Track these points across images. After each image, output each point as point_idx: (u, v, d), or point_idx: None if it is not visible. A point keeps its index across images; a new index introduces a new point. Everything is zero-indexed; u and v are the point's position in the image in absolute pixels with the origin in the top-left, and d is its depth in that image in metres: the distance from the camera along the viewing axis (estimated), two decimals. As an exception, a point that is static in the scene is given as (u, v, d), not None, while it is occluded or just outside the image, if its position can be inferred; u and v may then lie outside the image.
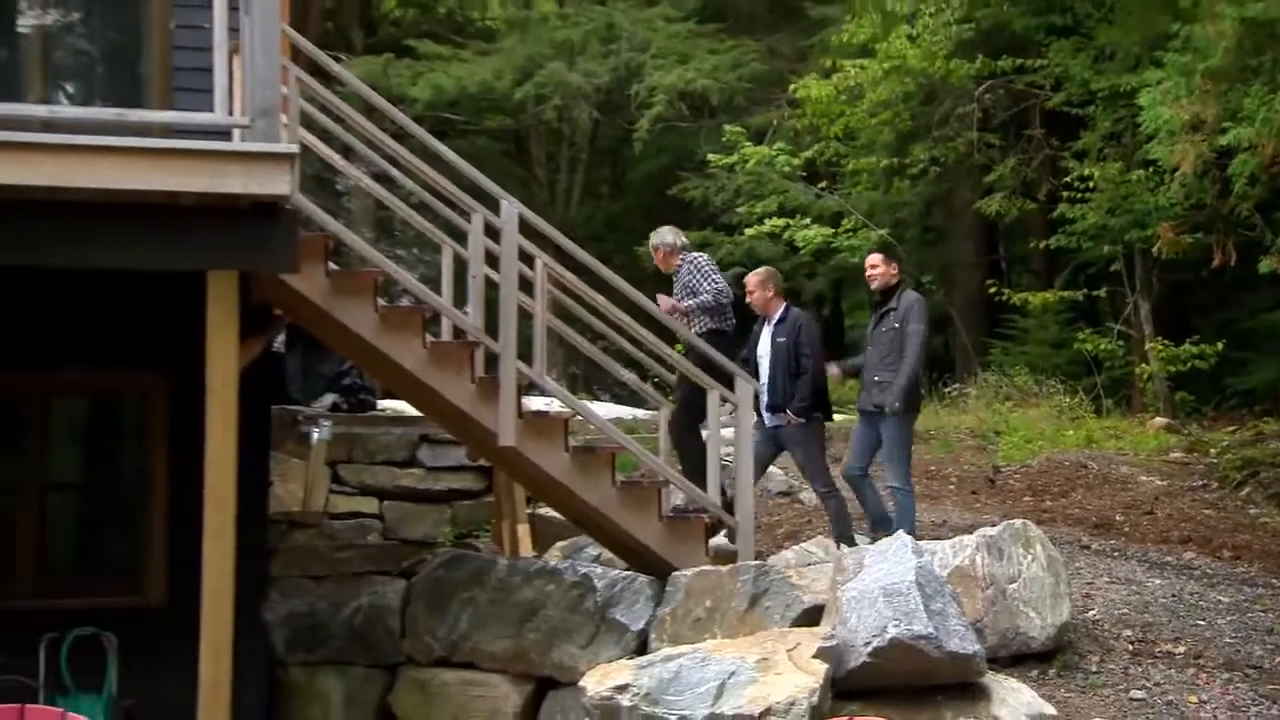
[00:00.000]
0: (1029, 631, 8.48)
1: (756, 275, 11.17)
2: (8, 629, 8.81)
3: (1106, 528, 11.42)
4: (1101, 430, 15.37)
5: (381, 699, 9.71)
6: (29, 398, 9.74)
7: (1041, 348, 20.78)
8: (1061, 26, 18.70)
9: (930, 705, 7.68)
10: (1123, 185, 16.91)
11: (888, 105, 20.05)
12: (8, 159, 7.23)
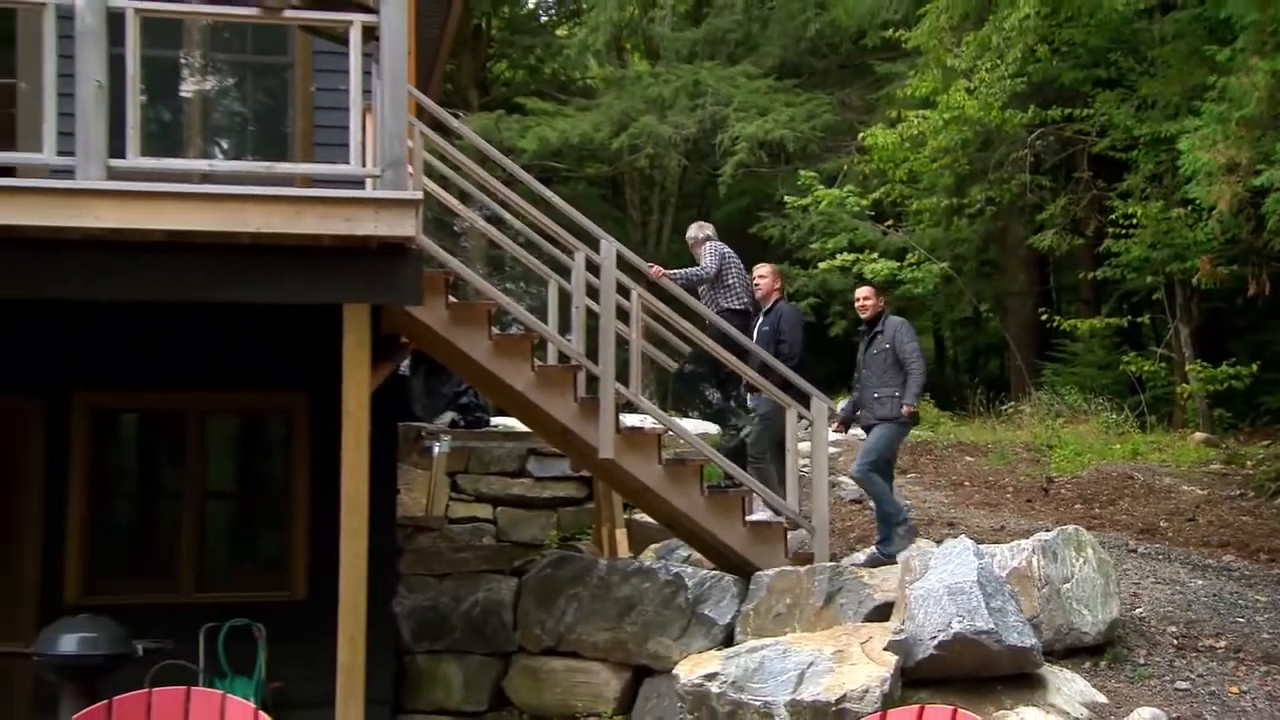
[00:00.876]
0: (1081, 627, 8.40)
1: (770, 267, 11.31)
2: (173, 620, 8.89)
3: (1152, 533, 11.28)
4: (1146, 444, 15.19)
5: (496, 684, 9.74)
6: (190, 415, 9.87)
7: (1090, 369, 20.60)
8: (1106, 79, 18.53)
9: (991, 694, 7.62)
10: (1164, 222, 16.69)
11: (948, 151, 19.89)
12: (175, 208, 7.36)
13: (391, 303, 8.19)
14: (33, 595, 9.44)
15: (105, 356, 9.57)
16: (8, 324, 9.19)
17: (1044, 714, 7.42)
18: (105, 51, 7.39)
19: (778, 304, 10.93)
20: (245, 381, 9.74)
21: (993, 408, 18.42)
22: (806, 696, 7.27)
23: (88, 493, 9.62)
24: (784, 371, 9.75)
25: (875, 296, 10.73)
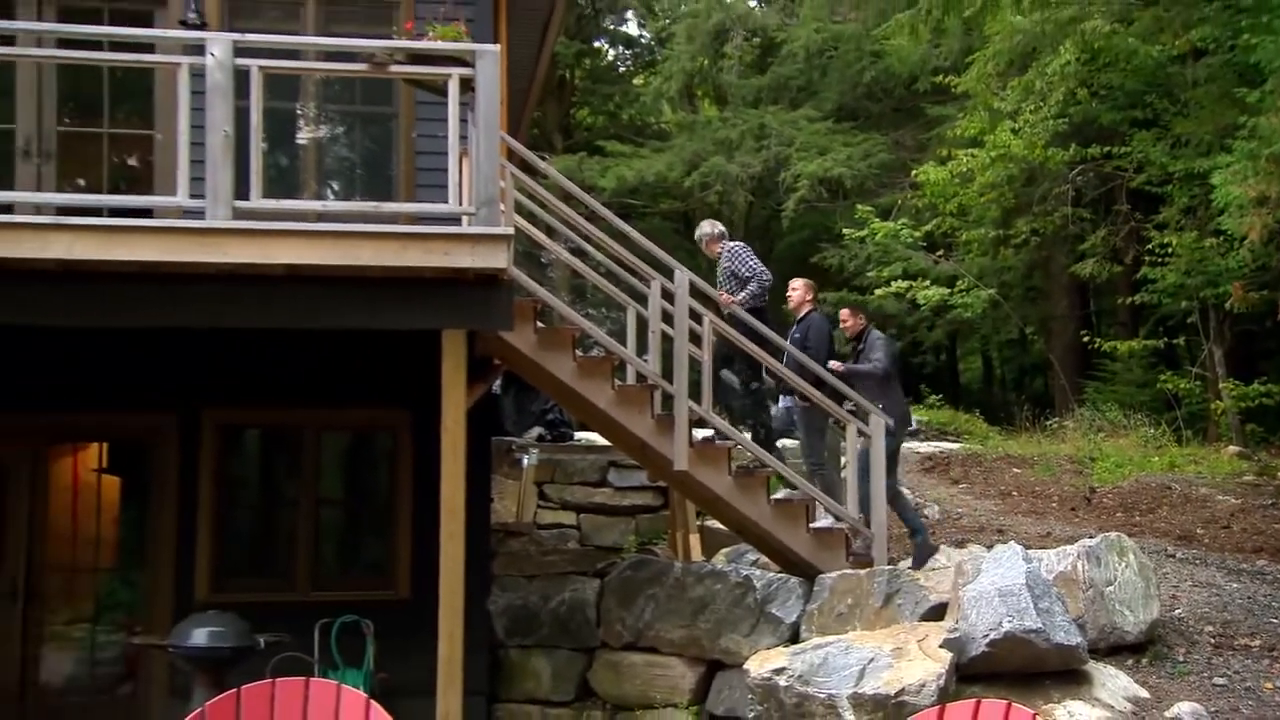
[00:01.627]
0: (1124, 627, 8.33)
1: (803, 281, 11.29)
2: (290, 616, 8.96)
3: (1189, 539, 11.16)
4: (1182, 457, 15.01)
5: (582, 676, 9.75)
6: (306, 430, 9.98)
7: (1129, 388, 20.40)
8: (1143, 119, 18.40)
9: (1040, 688, 7.57)
10: (1197, 251, 16.52)
11: (994, 186, 19.80)
12: (294, 244, 7.47)
13: (485, 329, 8.25)
14: (168, 593, 9.59)
15: (231, 377, 9.72)
16: (148, 348, 9.38)
17: (1090, 708, 7.37)
18: (232, 105, 7.52)
19: (809, 314, 10.86)
20: (355, 400, 9.86)
21: (1038, 423, 18.28)
22: (868, 690, 7.26)
23: (215, 500, 9.76)
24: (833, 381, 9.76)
25: (852, 316, 10.82)
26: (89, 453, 10.05)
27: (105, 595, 9.90)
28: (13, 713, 9.50)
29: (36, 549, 9.67)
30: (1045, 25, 16.76)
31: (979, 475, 14.05)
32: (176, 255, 7.42)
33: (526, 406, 13.41)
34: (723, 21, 26.92)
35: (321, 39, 9.53)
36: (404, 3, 9.97)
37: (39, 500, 9.74)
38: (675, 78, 26.92)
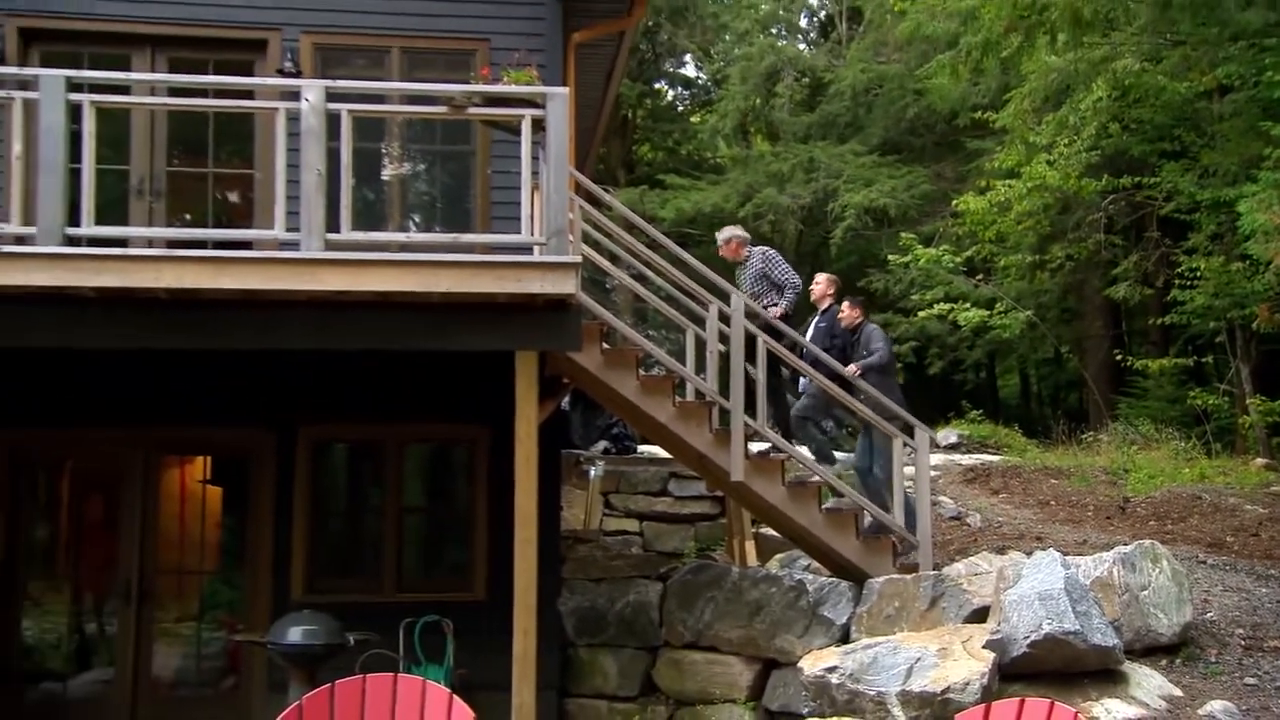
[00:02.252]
0: (1158, 629, 8.22)
1: (829, 277, 11.31)
2: (377, 616, 9.02)
3: (1219, 547, 10.99)
4: (1212, 469, 14.77)
5: (646, 673, 9.74)
6: (391, 444, 10.06)
7: (1160, 403, 20.12)
8: (1171, 151, 18.23)
9: (1079, 687, 7.48)
10: (1225, 274, 16.29)
11: (1031, 215, 19.69)
12: (380, 273, 7.54)
13: (555, 350, 8.29)
14: (266, 593, 9.70)
15: (323, 396, 9.83)
16: (248, 369, 9.49)
17: (1127, 705, 7.28)
18: (324, 145, 7.61)
19: (831, 308, 10.89)
20: (435, 415, 9.93)
21: (1073, 436, 18.06)
22: (915, 687, 7.20)
23: (309, 508, 9.86)
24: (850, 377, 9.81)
25: (851, 309, 10.76)
26: (195, 465, 10.20)
27: (209, 596, 10.01)
28: (127, 704, 9.63)
29: (148, 553, 9.81)
30: (1079, 64, 16.69)
31: (1018, 486, 13.90)
32: (274, 284, 7.51)
33: (593, 422, 13.43)
34: (775, 63, 27.00)
35: (405, 84, 9.63)
36: (481, 50, 10.06)
37: (150, 508, 9.88)
38: (730, 116, 27.02)
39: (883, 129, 26.30)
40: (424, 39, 10.09)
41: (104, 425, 9.72)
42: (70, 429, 9.74)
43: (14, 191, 7.67)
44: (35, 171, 7.50)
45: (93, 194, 7.53)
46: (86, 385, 9.56)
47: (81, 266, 7.36)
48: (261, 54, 9.97)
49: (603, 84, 12.90)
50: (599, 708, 9.74)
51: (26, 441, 9.72)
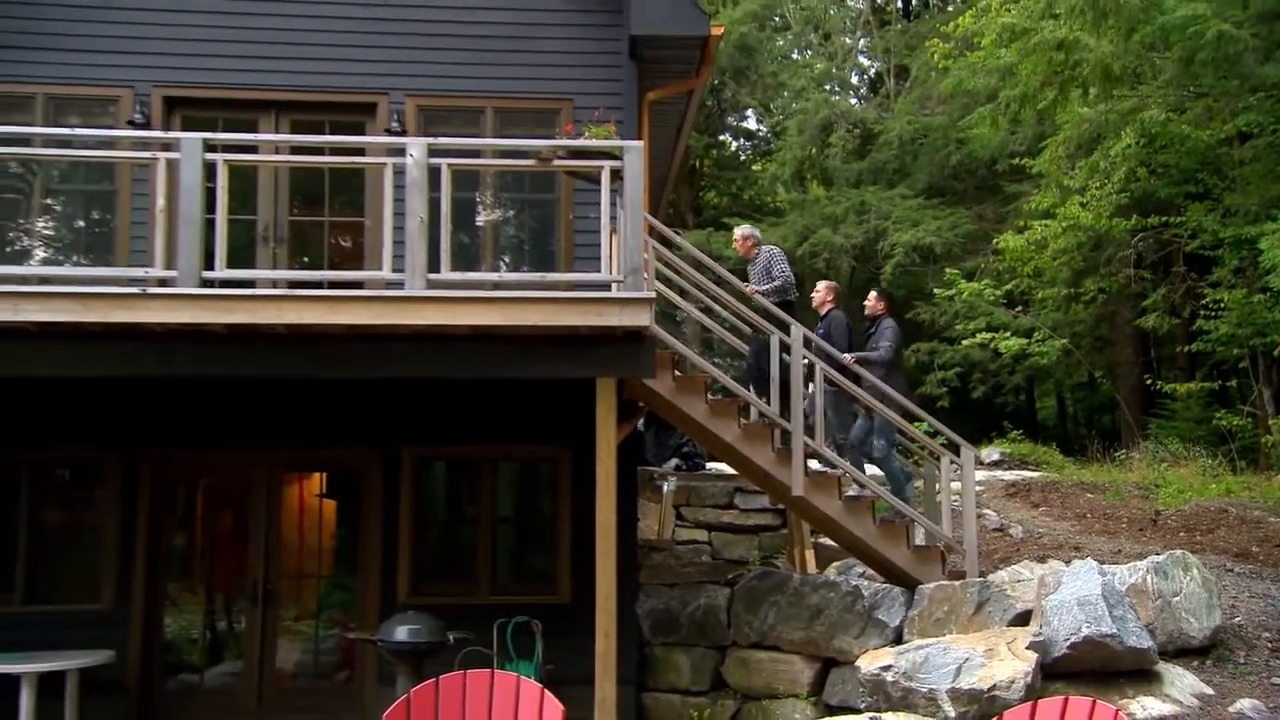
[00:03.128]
0: (1189, 632, 8.06)
1: (827, 284, 11.39)
2: (473, 617, 9.07)
3: (1245, 556, 10.74)
4: (1237, 484, 14.45)
5: (716, 670, 9.69)
6: (484, 462, 10.12)
7: (1187, 424, 19.75)
8: (1196, 193, 17.98)
9: (1116, 686, 7.35)
10: (1247, 305, 16.05)
11: (1065, 252, 19.54)
12: (475, 309, 7.60)
13: (631, 376, 8.29)
14: (375, 595, 9.78)
15: (423, 418, 9.91)
16: (358, 395, 9.61)
17: (1161, 703, 7.14)
18: (426, 195, 7.70)
19: (830, 313, 10.91)
20: (523, 437, 9.96)
21: (1107, 454, 17.79)
22: (964, 685, 7.11)
23: (412, 520, 9.93)
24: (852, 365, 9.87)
25: (877, 301, 10.95)
26: (312, 481, 10.31)
27: (325, 597, 10.10)
28: (254, 693, 9.75)
29: (272, 559, 9.94)
30: (1109, 115, 16.54)
31: (1057, 500, 13.69)
32: (382, 319, 7.60)
33: (665, 441, 13.44)
34: (828, 116, 26.95)
35: (498, 140, 9.72)
36: (565, 108, 10.14)
37: (273, 520, 10.01)
38: (788, 164, 26.98)
39: (928, 174, 26.14)
40: (514, 99, 10.19)
41: (234, 446, 9.89)
42: (205, 449, 9.91)
43: (158, 240, 7.85)
44: (176, 222, 7.67)
45: (225, 241, 7.68)
46: (219, 410, 9.73)
47: (215, 306, 7.51)
48: (371, 115, 10.12)
49: (673, 137, 12.94)
50: (673, 701, 9.70)
51: (168, 460, 9.89)
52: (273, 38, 10.08)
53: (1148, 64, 14.04)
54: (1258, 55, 12.93)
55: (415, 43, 10.18)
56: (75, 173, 10.00)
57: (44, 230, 10.06)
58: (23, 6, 9.93)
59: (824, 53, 29.50)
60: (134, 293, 7.52)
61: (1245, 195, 15.93)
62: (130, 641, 9.53)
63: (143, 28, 10.00)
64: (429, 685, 4.23)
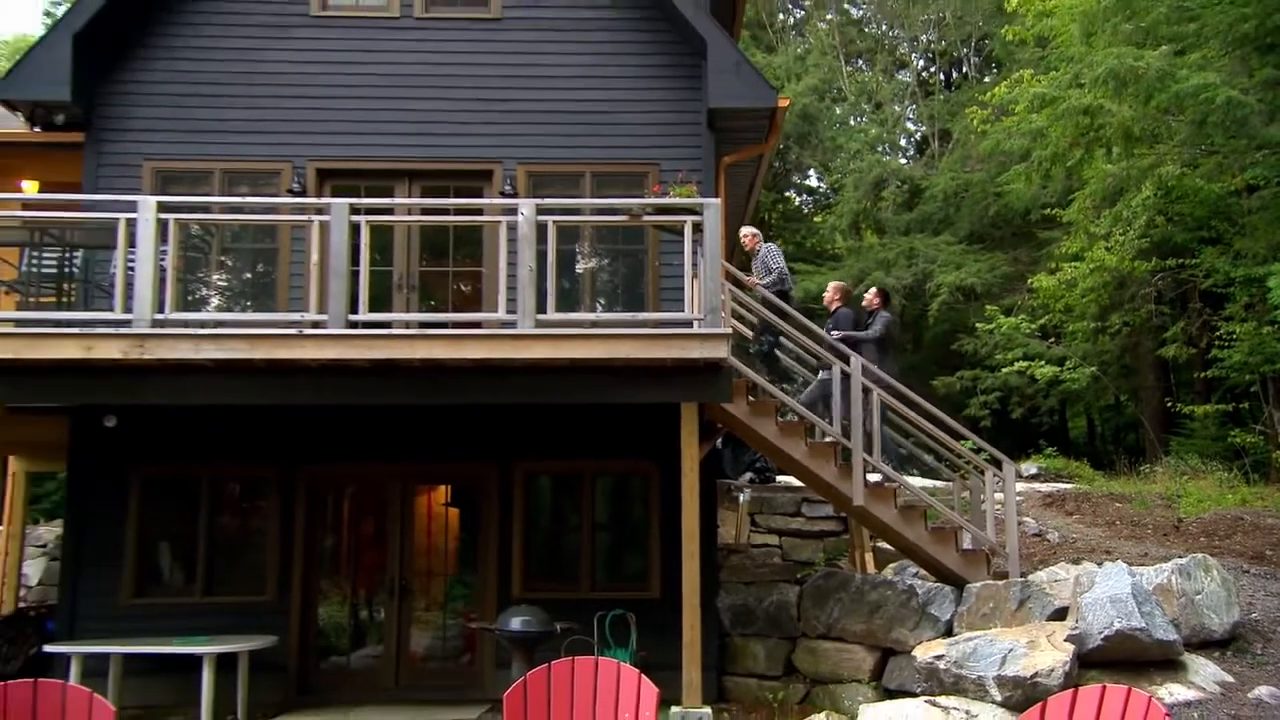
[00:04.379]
0: (1211, 627, 7.78)
1: (836, 284, 11.41)
2: (576, 610, 9.08)
3: (1260, 559, 10.33)
4: (1251, 495, 13.91)
5: (787, 657, 9.55)
6: (584, 475, 10.13)
7: (1205, 441, 19.10)
8: (1209, 238, 17.59)
9: (1145, 674, 7.12)
10: (1256, 337, 15.65)
11: (1093, 290, 19.19)
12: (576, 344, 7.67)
13: (711, 401, 8.30)
14: (493, 590, 9.83)
15: (532, 438, 9.97)
16: (477, 419, 9.70)
17: (1186, 689, 6.91)
18: (534, 248, 7.79)
19: (839, 310, 10.85)
20: (618, 453, 9.97)
21: (1133, 468, 17.28)
22: (1009, 672, 6.93)
23: (523, 525, 9.98)
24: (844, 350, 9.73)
25: (875, 297, 10.86)
26: (439, 492, 10.41)
27: (450, 592, 10.16)
28: (392, 672, 9.86)
29: (406, 559, 10.05)
30: (1130, 170, 16.28)
31: (1088, 508, 13.31)
32: (497, 354, 7.69)
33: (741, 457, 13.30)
34: (880, 174, 26.76)
35: (595, 200, 9.79)
36: (652, 171, 10.18)
37: (407, 525, 10.12)
38: (845, 216, 26.85)
39: (969, 223, 25.80)
40: (609, 164, 10.24)
41: (374, 462, 10.03)
42: (350, 465, 10.07)
43: (312, 288, 8.05)
44: (327, 273, 7.85)
45: (367, 289, 7.84)
46: (362, 432, 9.90)
47: (359, 344, 7.67)
48: (488, 181, 10.26)
49: (746, 194, 12.96)
50: (750, 684, 9.59)
51: (320, 475, 10.06)
52: (405, 118, 10.29)
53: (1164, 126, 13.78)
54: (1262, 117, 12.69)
55: (525, 119, 10.31)
56: (245, 234, 10.28)
57: (219, 282, 10.35)
58: (203, 99, 10.28)
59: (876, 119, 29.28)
60: (292, 334, 7.71)
61: (1253, 240, 15.58)
62: (290, 628, 9.69)
63: (299, 113, 10.28)
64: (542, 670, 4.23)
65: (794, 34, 31.97)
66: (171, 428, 9.74)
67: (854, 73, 30.01)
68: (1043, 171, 16.62)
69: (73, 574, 9.68)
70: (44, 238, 9.67)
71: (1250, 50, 13.68)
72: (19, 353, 7.67)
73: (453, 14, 10.45)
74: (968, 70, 29.96)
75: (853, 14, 31.81)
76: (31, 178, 11.10)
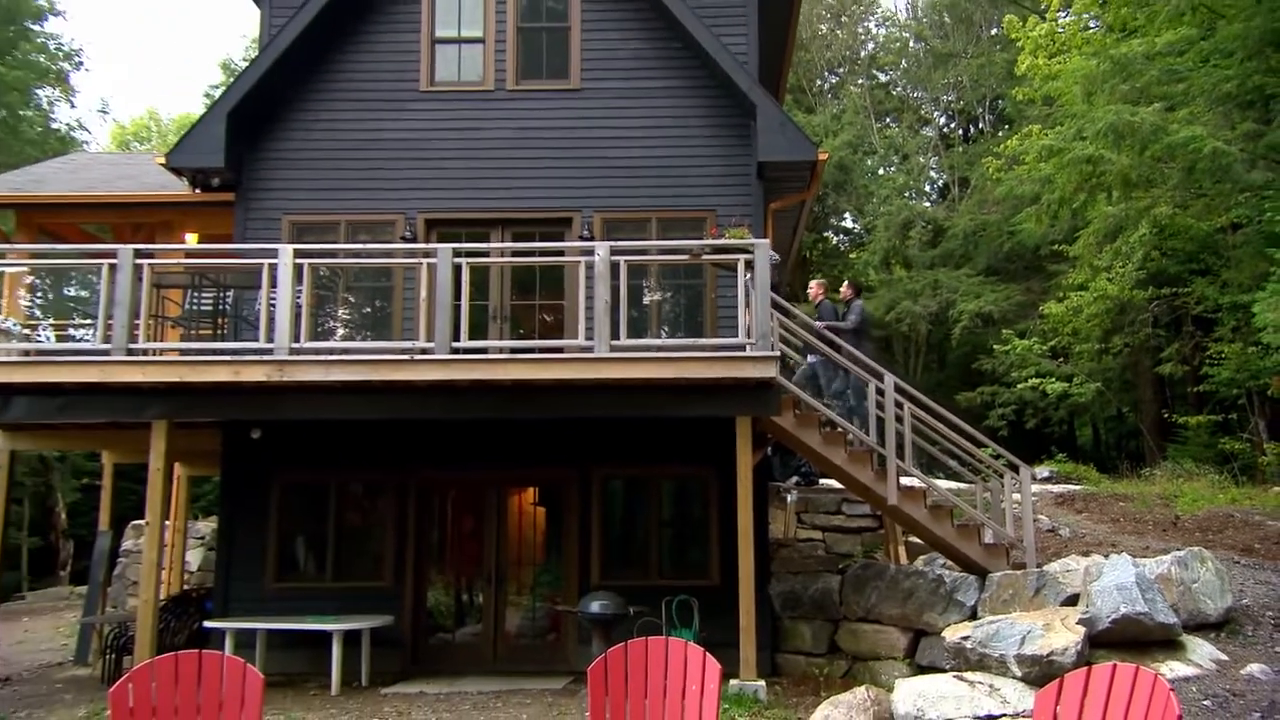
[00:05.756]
0: (1206, 611, 7.50)
1: (818, 281, 11.25)
2: (646, 595, 9.07)
3: (1250, 551, 9.96)
4: (1240, 495, 13.42)
5: (831, 637, 9.41)
6: (652, 478, 10.14)
7: (1198, 448, 18.56)
8: (1199, 269, 17.40)
9: (1148, 653, 6.88)
10: (1243, 356, 15.34)
11: (1096, 316, 18.82)
12: (645, 366, 7.70)
13: (762, 415, 8.25)
14: (574, 578, 9.86)
15: (607, 447, 9.99)
16: (560, 430, 9.75)
17: (1185, 666, 6.67)
18: (609, 284, 7.85)
19: (821, 301, 10.83)
20: (681, 459, 9.95)
21: (1134, 472, 16.84)
22: (1028, 651, 6.74)
23: (600, 521, 10.00)
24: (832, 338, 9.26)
25: (848, 289, 10.70)
26: (528, 493, 10.48)
27: (538, 579, 10.21)
28: (490, 647, 9.93)
29: (501, 551, 10.14)
30: (1128, 211, 16.13)
31: (1095, 507, 12.94)
32: (577, 375, 7.75)
33: (788, 463, 13.13)
34: (908, 216, 26.52)
35: (660, 242, 9.83)
36: (710, 216, 10.20)
37: (501, 522, 10.21)
38: (877, 252, 26.61)
39: (986, 258, 25.41)
40: (672, 211, 10.28)
41: (472, 468, 10.14)
42: (453, 471, 10.19)
43: (421, 320, 8.18)
44: (433, 307, 7.99)
45: (467, 320, 7.96)
46: (462, 442, 10.01)
47: (461, 367, 7.78)
48: (569, 227, 10.36)
49: (791, 234, 12.90)
50: (799, 661, 9.48)
51: (427, 479, 10.20)
52: (499, 174, 10.45)
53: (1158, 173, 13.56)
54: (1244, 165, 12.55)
55: (600, 173, 10.40)
56: (365, 275, 10.49)
57: (343, 315, 10.58)
58: (331, 163, 10.56)
59: (903, 169, 28.99)
60: (405, 359, 7.86)
61: (1238, 271, 15.36)
62: (403, 609, 9.82)
63: (411, 172, 10.49)
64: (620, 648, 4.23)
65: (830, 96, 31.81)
66: (306, 439, 9.96)
67: (883, 129, 29.76)
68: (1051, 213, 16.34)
69: (226, 562, 9.93)
70: (202, 281, 9.98)
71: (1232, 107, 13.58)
72: (183, 377, 7.93)
73: (539, 86, 10.61)
74: (983, 126, 29.57)
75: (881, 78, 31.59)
76: (193, 231, 11.47)
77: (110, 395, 8.08)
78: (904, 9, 31.89)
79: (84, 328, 10.48)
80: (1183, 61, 13.58)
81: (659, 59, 10.58)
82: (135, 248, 8.09)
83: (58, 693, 9.36)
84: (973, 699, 6.55)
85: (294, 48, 10.31)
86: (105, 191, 11.43)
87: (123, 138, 36.88)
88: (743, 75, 10.06)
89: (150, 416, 8.09)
